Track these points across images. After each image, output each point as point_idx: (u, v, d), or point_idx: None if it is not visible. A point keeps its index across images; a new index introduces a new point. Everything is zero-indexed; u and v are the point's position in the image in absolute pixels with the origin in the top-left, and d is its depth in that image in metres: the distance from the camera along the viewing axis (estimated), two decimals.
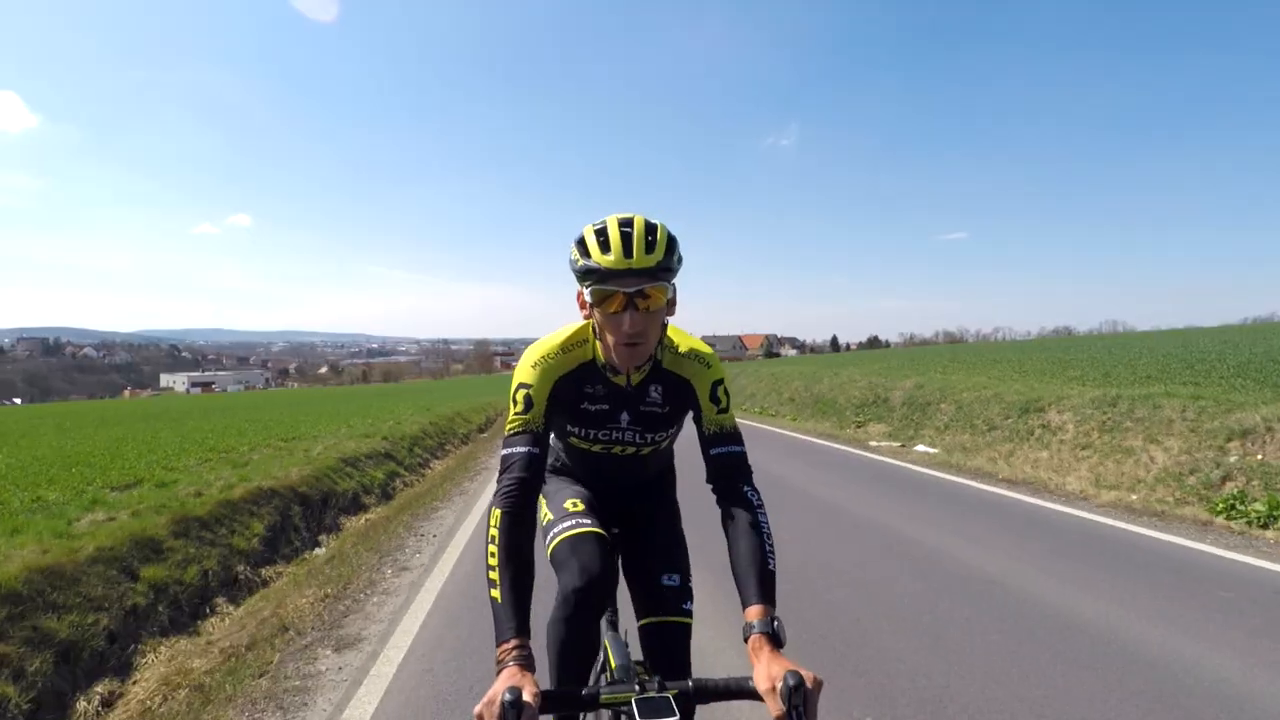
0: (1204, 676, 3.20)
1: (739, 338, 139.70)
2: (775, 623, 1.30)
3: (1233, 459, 7.02)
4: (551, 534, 1.82)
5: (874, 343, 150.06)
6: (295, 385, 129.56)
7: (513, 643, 1.23)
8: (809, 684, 1.14)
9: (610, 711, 1.45)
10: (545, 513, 1.90)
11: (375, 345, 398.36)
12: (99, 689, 3.71)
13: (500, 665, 1.20)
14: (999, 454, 10.13)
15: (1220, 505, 6.34)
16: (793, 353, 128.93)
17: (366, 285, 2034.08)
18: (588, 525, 1.77)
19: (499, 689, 1.11)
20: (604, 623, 1.83)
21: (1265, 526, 5.82)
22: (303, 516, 7.38)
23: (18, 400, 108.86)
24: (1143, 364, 15.16)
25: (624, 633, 1.84)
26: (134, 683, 3.87)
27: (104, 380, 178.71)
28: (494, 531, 1.39)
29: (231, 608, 5.19)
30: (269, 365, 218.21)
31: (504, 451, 1.51)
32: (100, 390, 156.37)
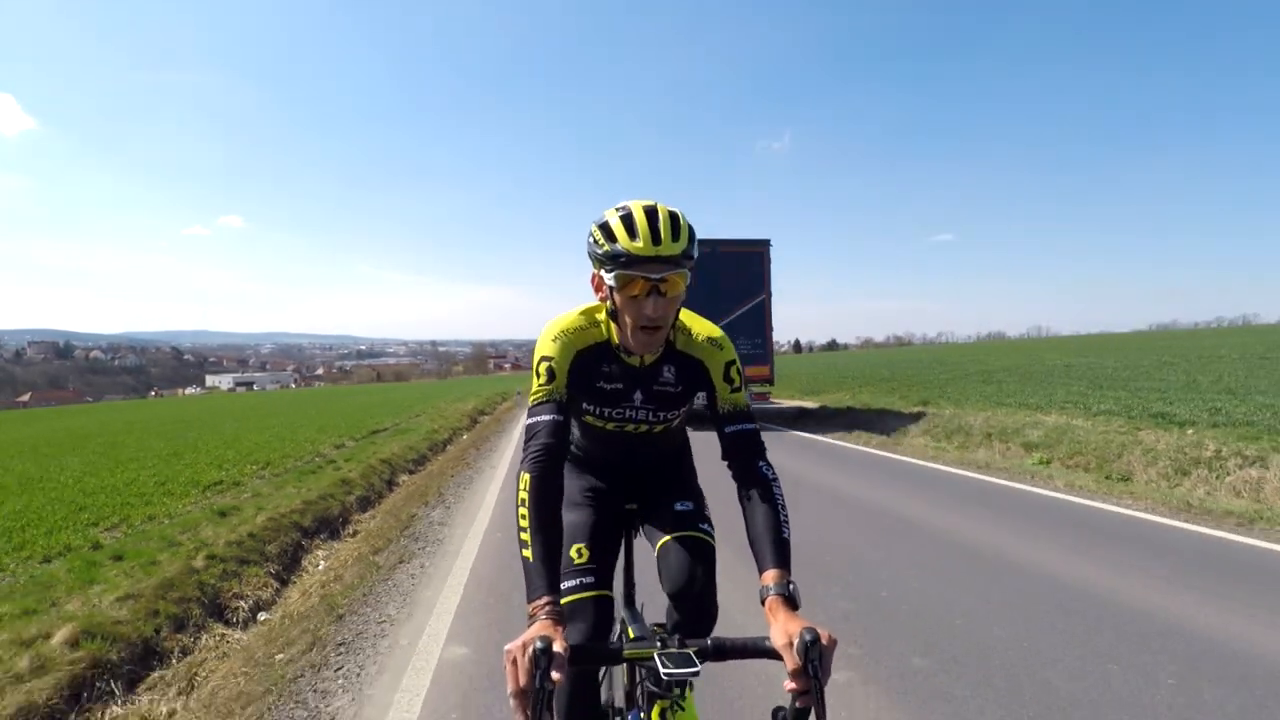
0: None
1: None
2: (790, 585, 1.36)
3: None
4: None
5: (832, 346, 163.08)
6: (321, 385, 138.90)
7: (544, 599, 1.30)
8: (824, 641, 1.17)
9: (635, 669, 1.63)
10: None
11: (363, 347, 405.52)
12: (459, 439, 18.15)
13: (532, 619, 1.28)
14: None
15: None
16: None
17: (358, 286, 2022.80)
18: (590, 586, 1.78)
19: (532, 635, 1.18)
20: (620, 601, 1.91)
21: None
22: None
23: (89, 399, 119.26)
24: (897, 371, 29.80)
25: (640, 606, 1.94)
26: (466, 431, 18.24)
27: (117, 382, 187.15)
28: (524, 495, 1.44)
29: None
30: (268, 367, 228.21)
31: (528, 420, 1.55)
32: (116, 391, 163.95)
